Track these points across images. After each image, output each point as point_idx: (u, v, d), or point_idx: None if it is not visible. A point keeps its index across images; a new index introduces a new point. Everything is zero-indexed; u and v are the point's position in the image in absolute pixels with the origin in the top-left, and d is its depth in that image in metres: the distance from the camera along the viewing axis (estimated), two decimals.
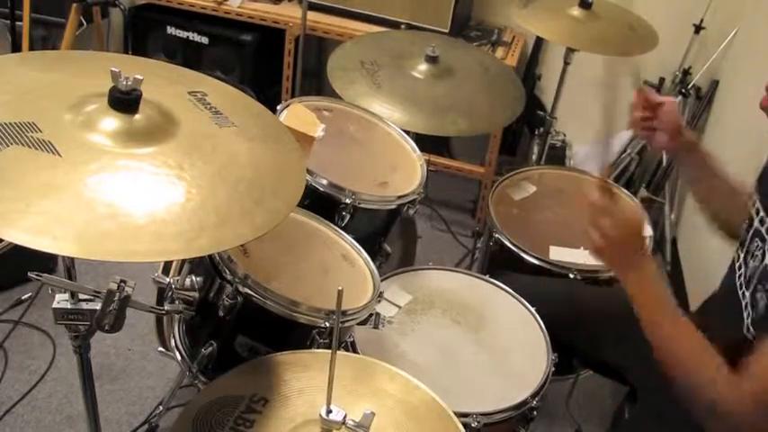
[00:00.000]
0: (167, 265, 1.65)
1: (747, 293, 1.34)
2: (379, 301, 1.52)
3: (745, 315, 1.33)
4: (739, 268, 1.40)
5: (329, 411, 1.01)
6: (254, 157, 1.13)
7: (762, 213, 1.36)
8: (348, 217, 1.68)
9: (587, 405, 2.31)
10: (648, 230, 1.97)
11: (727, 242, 1.55)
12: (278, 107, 1.82)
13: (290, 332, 1.38)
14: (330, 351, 1.00)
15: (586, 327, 1.68)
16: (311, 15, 2.91)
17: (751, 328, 1.29)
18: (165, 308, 1.41)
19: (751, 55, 1.34)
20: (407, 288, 1.70)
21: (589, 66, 2.63)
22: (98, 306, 1.13)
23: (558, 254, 1.87)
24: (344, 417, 1.01)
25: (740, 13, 2.84)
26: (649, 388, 1.54)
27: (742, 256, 1.41)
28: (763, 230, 1.35)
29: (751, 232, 1.38)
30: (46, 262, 2.20)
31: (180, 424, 1.11)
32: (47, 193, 0.91)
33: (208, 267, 1.38)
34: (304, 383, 1.18)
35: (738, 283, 1.38)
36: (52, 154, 0.96)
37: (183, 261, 1.53)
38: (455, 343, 1.58)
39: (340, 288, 0.94)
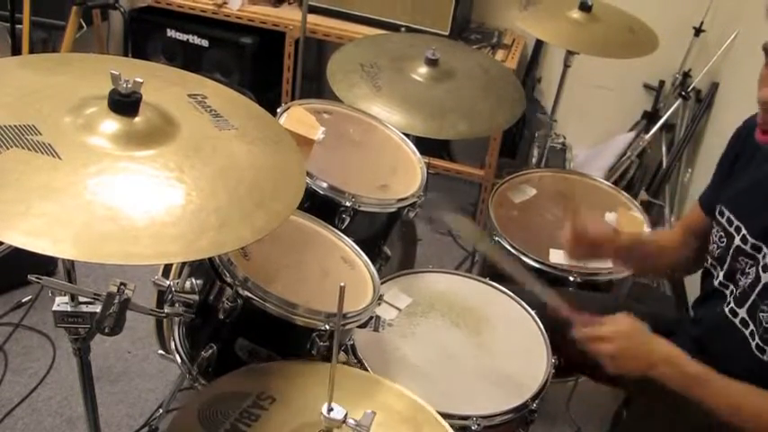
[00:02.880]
0: (167, 268, 1.65)
1: (743, 312, 1.33)
2: (379, 304, 1.52)
3: (747, 333, 1.32)
4: (726, 287, 1.39)
5: (330, 410, 1.01)
6: (254, 160, 1.13)
7: (744, 232, 1.35)
8: (348, 220, 1.68)
9: (587, 408, 2.30)
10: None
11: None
12: (278, 110, 1.82)
13: (289, 335, 1.37)
14: (342, 363, 1.00)
15: None
16: (311, 18, 2.91)
17: (767, 348, 1.28)
18: (165, 310, 1.41)
19: (751, 57, 1.34)
20: (407, 291, 1.70)
21: (589, 69, 2.63)
22: (98, 309, 1.13)
23: (558, 257, 1.87)
24: (345, 415, 1.01)
25: (740, 16, 2.84)
26: (644, 392, 1.54)
27: (722, 274, 1.40)
28: (748, 248, 1.34)
29: (732, 250, 1.37)
30: (46, 265, 2.20)
31: (186, 412, 1.11)
32: (47, 196, 0.91)
33: (208, 270, 1.38)
34: (315, 390, 1.19)
35: (729, 306, 1.38)
36: (52, 156, 0.96)
37: (183, 264, 1.53)
38: (455, 346, 1.58)
39: (342, 284, 0.94)
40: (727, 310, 1.37)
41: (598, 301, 1.80)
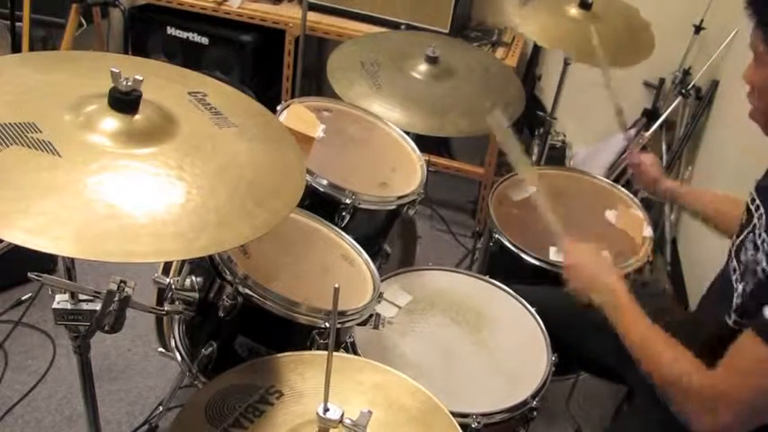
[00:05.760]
0: (167, 266, 1.65)
1: (740, 286, 1.35)
2: (379, 302, 1.52)
3: (734, 305, 1.34)
4: (734, 260, 1.41)
5: (326, 410, 1.01)
6: (254, 158, 1.13)
7: (761, 210, 1.36)
8: (348, 217, 1.68)
9: (587, 405, 2.31)
10: (648, 231, 1.97)
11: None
12: (278, 107, 1.82)
13: (289, 332, 1.38)
14: (353, 356, 1.00)
15: (585, 329, 1.68)
16: (311, 16, 2.91)
17: (733, 314, 1.30)
18: (165, 308, 1.41)
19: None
20: (407, 288, 1.70)
21: (589, 66, 2.62)
22: (98, 306, 1.13)
23: (558, 254, 1.87)
24: (342, 415, 1.01)
25: (740, 14, 2.80)
26: (647, 387, 1.54)
27: (734, 250, 1.41)
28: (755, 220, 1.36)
29: (748, 227, 1.39)
30: (46, 262, 2.20)
31: (193, 404, 1.12)
32: (47, 194, 0.91)
33: (208, 268, 1.38)
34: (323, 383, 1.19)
35: (734, 278, 1.39)
36: (52, 154, 0.96)
37: (183, 261, 1.53)
38: (455, 343, 1.58)
39: (336, 285, 0.94)
40: (731, 276, 1.38)
41: None
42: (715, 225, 1.76)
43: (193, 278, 1.41)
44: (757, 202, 1.39)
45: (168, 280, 1.42)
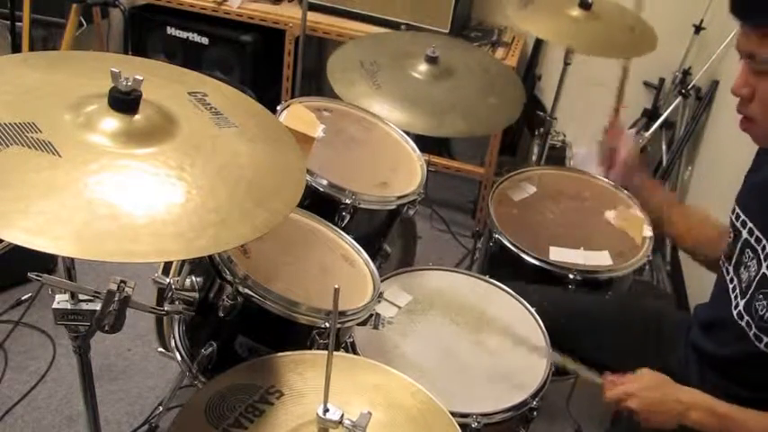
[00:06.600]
0: (167, 266, 1.65)
1: (742, 302, 1.35)
2: (379, 302, 1.52)
3: (744, 324, 1.35)
4: (731, 281, 1.41)
5: (326, 410, 1.01)
6: (255, 158, 1.13)
7: (750, 225, 1.37)
8: (348, 217, 1.68)
9: (587, 405, 2.30)
10: (648, 231, 1.97)
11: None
12: (278, 107, 1.82)
13: (289, 332, 1.38)
14: (353, 356, 1.00)
15: (583, 328, 1.68)
16: (311, 16, 2.91)
17: (764, 337, 1.30)
18: (165, 308, 1.41)
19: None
20: (407, 288, 1.70)
21: (589, 66, 2.63)
22: (98, 306, 1.13)
23: (558, 254, 1.87)
24: (341, 416, 1.01)
25: None
26: None
27: (731, 269, 1.42)
28: (753, 241, 1.36)
29: (740, 244, 1.39)
30: (46, 262, 2.20)
31: (192, 404, 1.12)
32: (46, 194, 0.91)
33: (208, 268, 1.38)
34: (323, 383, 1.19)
35: (733, 295, 1.39)
36: (52, 154, 0.96)
37: (183, 261, 1.53)
38: (455, 343, 1.58)
39: (336, 286, 0.94)
40: (732, 306, 1.39)
41: (595, 300, 1.81)
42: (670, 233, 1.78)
43: (193, 278, 1.41)
44: (743, 218, 1.40)
45: (168, 280, 1.42)
